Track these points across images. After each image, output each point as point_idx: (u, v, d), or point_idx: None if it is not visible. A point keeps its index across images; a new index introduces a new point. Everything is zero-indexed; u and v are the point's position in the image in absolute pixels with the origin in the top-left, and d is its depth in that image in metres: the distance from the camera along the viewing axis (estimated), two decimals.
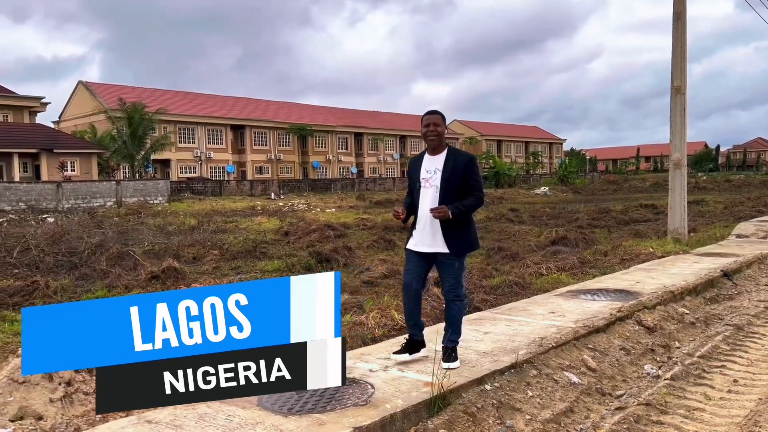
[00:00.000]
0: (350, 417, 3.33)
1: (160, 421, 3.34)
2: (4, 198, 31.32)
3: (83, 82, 56.52)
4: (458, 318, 4.32)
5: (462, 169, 4.18)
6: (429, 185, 4.22)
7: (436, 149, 4.29)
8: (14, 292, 8.62)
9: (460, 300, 4.31)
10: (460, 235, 4.21)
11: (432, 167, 4.25)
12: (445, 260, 4.23)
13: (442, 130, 4.27)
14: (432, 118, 4.27)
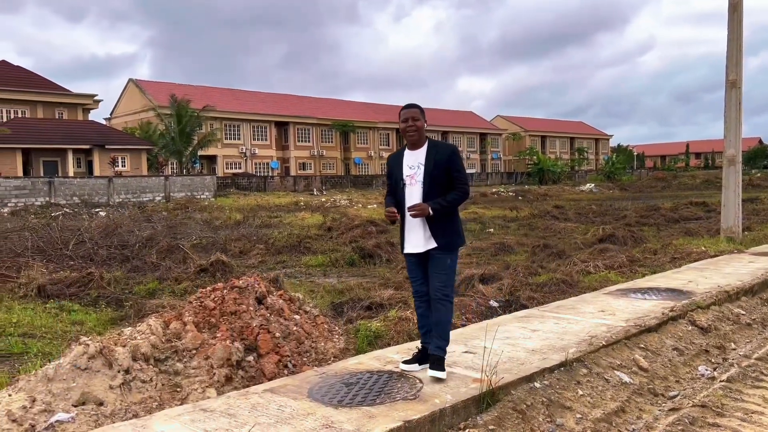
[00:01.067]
0: (400, 411, 3.35)
1: (214, 410, 3.43)
2: (59, 192, 32.49)
3: (133, 79, 58.09)
4: (446, 321, 3.99)
5: (445, 162, 3.95)
6: (414, 182, 4.00)
7: (416, 144, 4.07)
8: (71, 283, 8.93)
9: (449, 300, 3.99)
10: (450, 230, 4.00)
11: (414, 163, 4.03)
12: (436, 255, 3.97)
13: (422, 124, 4.05)
14: (410, 112, 4.05)
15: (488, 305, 6.71)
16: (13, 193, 31.16)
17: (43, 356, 5.40)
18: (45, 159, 40.50)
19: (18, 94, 44.10)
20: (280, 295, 5.41)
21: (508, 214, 22.83)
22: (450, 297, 4.00)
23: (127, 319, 7.07)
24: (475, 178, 64.11)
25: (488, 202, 31.83)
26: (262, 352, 4.51)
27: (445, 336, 3.98)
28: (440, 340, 3.96)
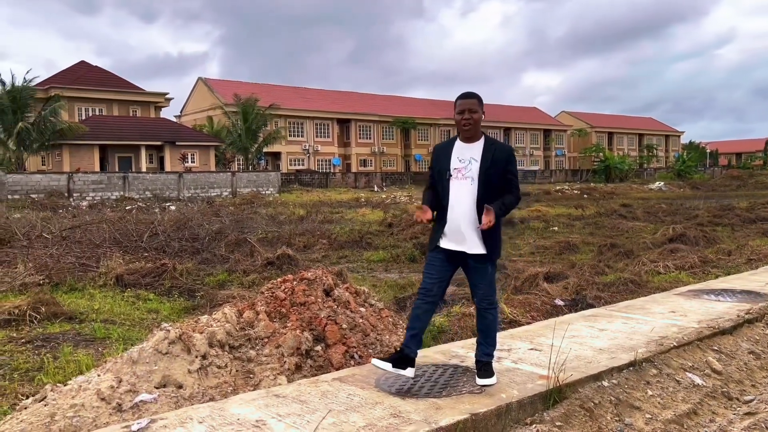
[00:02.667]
0: (466, 403, 3.39)
1: (286, 396, 3.56)
2: (133, 187, 34.01)
3: (202, 78, 60.03)
4: (494, 328, 3.87)
5: (503, 162, 3.68)
6: (462, 176, 3.68)
7: (470, 138, 3.75)
8: (146, 273, 9.36)
9: (494, 308, 3.85)
10: (497, 236, 3.75)
11: (466, 156, 3.70)
12: (477, 264, 3.72)
13: (479, 117, 3.71)
14: (467, 103, 3.71)
15: (553, 304, 6.64)
16: (91, 188, 32.83)
17: (123, 341, 5.73)
18: (120, 155, 42.44)
19: (96, 93, 46.37)
20: (346, 288, 5.54)
21: (573, 212, 22.36)
22: (495, 304, 3.86)
23: (199, 309, 7.38)
24: (538, 175, 62.95)
25: (552, 200, 31.24)
26: (330, 343, 4.63)
27: (493, 342, 3.85)
28: (488, 346, 3.83)
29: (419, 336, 3.82)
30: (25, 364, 5.00)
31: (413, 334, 3.79)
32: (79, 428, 3.33)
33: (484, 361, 3.79)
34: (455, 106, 3.77)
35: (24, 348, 5.48)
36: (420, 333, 3.83)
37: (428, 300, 3.81)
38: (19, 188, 30.83)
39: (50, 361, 4.98)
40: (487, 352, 3.82)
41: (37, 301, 6.74)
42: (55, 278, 8.72)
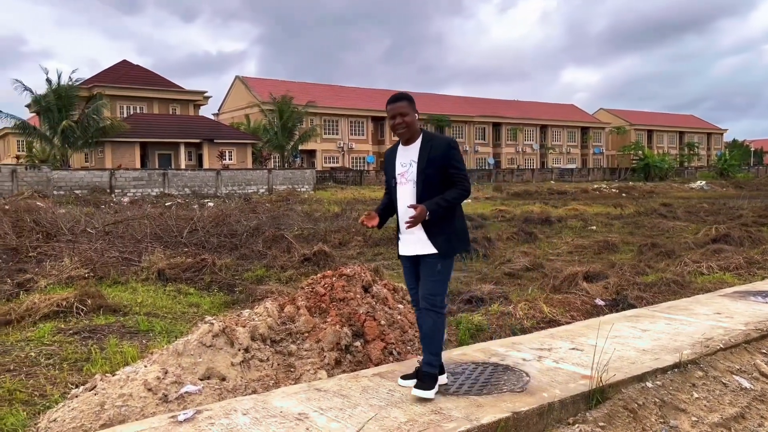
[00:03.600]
0: (507, 402, 3.38)
1: (327, 390, 3.60)
2: (172, 183, 34.68)
3: (240, 77, 60.83)
4: (434, 333, 3.54)
5: (440, 158, 3.54)
6: (405, 180, 3.61)
7: (409, 140, 3.65)
8: (186, 268, 9.55)
9: (435, 310, 3.53)
10: (446, 232, 3.56)
11: (407, 159, 3.64)
12: (428, 259, 3.56)
13: (412, 119, 3.60)
14: (396, 108, 3.61)
15: (593, 303, 6.55)
16: (132, 184, 33.60)
17: (166, 334, 5.86)
18: (160, 152, 43.31)
19: (137, 91, 47.39)
20: (384, 284, 5.56)
21: (612, 211, 21.98)
22: (438, 307, 3.54)
23: (238, 304, 7.49)
24: (575, 173, 62.02)
25: (590, 199, 30.76)
26: (369, 339, 4.66)
27: (434, 350, 3.54)
28: (428, 354, 3.53)
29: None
30: (74, 354, 5.16)
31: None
32: (127, 417, 3.43)
33: (424, 372, 3.50)
34: (387, 112, 3.67)
35: (72, 339, 5.65)
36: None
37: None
38: (64, 184, 31.73)
39: (97, 352, 5.13)
40: (428, 361, 3.52)
41: (83, 294, 6.93)
42: (100, 272, 8.95)
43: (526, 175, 57.52)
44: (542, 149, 75.28)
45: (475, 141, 70.13)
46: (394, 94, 3.72)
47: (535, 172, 59.75)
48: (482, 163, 69.65)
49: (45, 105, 35.75)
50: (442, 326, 3.59)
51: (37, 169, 32.40)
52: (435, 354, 3.54)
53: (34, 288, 7.80)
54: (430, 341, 3.55)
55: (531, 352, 4.37)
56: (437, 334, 3.56)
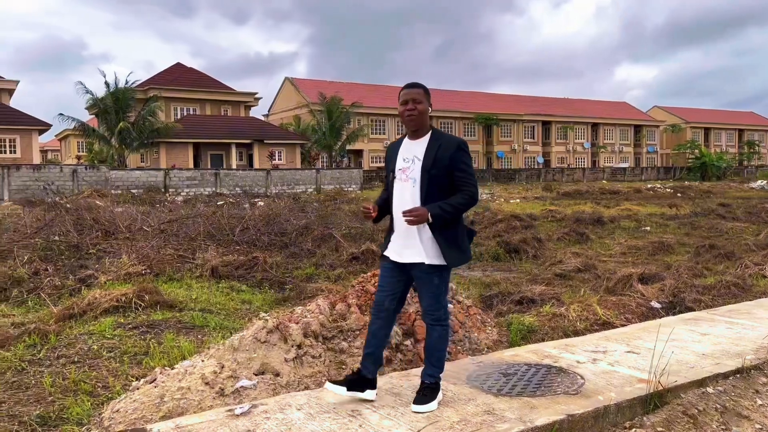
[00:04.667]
0: (562, 404, 3.33)
1: (380, 388, 3.60)
2: (224, 183, 35.48)
3: (289, 78, 61.74)
4: (440, 347, 3.41)
5: (448, 158, 3.26)
6: (406, 177, 3.34)
7: (416, 132, 3.39)
8: (238, 266, 9.75)
9: (441, 324, 3.38)
10: (445, 243, 3.27)
11: (410, 155, 3.37)
12: (421, 273, 3.31)
13: (424, 108, 3.36)
14: (411, 93, 3.37)
15: (649, 306, 6.38)
16: (185, 183, 34.52)
17: (220, 329, 6.00)
18: (212, 152, 44.37)
19: (190, 93, 48.68)
20: None
21: (667, 211, 21.35)
22: (443, 320, 3.38)
23: (289, 301, 7.61)
24: (628, 172, 60.49)
25: (643, 199, 29.94)
26: (419, 338, 4.66)
27: (439, 363, 3.40)
28: (432, 367, 3.39)
29: (376, 354, 3.44)
30: (133, 348, 5.34)
31: (368, 352, 3.43)
32: (186, 410, 3.53)
33: (428, 383, 3.37)
34: (399, 98, 3.44)
35: (131, 333, 5.85)
36: (376, 351, 3.44)
37: (380, 315, 3.43)
38: (121, 183, 32.85)
39: (155, 346, 5.30)
40: (431, 373, 3.39)
41: (141, 290, 7.16)
42: (156, 269, 9.23)
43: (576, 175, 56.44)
44: (593, 148, 73.68)
45: (523, 140, 69.20)
46: (410, 81, 3.49)
47: (586, 171, 58.57)
48: (531, 162, 68.69)
49: (103, 107, 37.14)
50: (446, 339, 3.44)
51: (96, 169, 33.63)
52: (438, 366, 3.40)
53: (94, 283, 8.10)
54: (434, 354, 3.40)
55: (585, 355, 4.30)
56: (442, 347, 3.41)
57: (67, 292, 7.73)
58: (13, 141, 37.54)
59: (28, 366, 4.85)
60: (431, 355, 3.41)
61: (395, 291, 3.42)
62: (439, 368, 3.41)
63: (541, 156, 70.11)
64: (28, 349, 5.24)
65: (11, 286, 7.80)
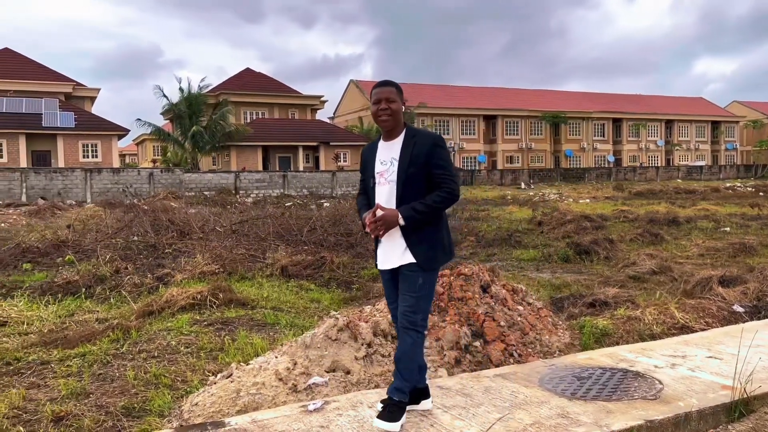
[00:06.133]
0: (639, 409, 3.23)
1: (450, 388, 3.62)
2: (291, 185, 36.25)
3: (354, 80, 62.44)
4: (410, 355, 3.12)
5: (424, 155, 3.12)
6: (385, 180, 3.19)
7: (391, 132, 3.24)
8: (307, 266, 9.93)
9: (416, 330, 3.13)
10: (431, 242, 3.16)
11: (387, 157, 3.22)
12: (407, 272, 3.16)
13: (398, 107, 3.21)
14: (383, 92, 3.20)
15: (731, 310, 6.08)
16: (254, 185, 35.48)
17: (290, 327, 6.14)
18: (280, 155, 45.43)
19: (259, 97, 50.06)
20: (503, 285, 5.50)
21: (748, 211, 20.27)
22: (418, 326, 3.13)
23: (356, 300, 7.69)
24: (705, 171, 57.82)
25: (721, 198, 28.55)
26: (489, 339, 4.63)
27: (407, 375, 3.12)
28: (399, 380, 3.12)
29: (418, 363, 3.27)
30: (209, 344, 5.53)
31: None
32: (260, 404, 3.63)
33: (393, 399, 3.11)
34: (371, 96, 3.28)
35: (207, 330, 6.06)
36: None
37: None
38: (194, 186, 34.08)
39: (230, 343, 5.47)
40: (398, 387, 3.11)
41: (215, 288, 7.41)
42: (228, 268, 9.52)
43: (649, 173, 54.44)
44: (668, 146, 70.83)
45: (593, 138, 67.31)
46: (383, 80, 3.33)
47: (660, 170, 56.41)
48: (601, 161, 66.73)
49: (177, 112, 38.69)
50: (419, 348, 3.18)
51: (170, 171, 35.04)
52: (407, 380, 3.13)
53: (171, 282, 8.44)
54: (404, 365, 3.12)
55: (663, 359, 4.14)
56: (414, 356, 3.14)
57: (146, 290, 8.08)
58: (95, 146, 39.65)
59: (113, 359, 5.10)
60: (400, 364, 3.13)
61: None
62: (408, 381, 3.14)
63: (611, 154, 67.99)
64: (112, 344, 5.52)
65: (95, 283, 8.22)
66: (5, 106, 38.79)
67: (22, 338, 5.82)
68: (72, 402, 4.13)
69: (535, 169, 54.40)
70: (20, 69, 42.61)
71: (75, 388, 4.38)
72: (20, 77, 41.57)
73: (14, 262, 10.31)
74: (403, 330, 3.16)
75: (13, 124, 37.69)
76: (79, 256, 10.53)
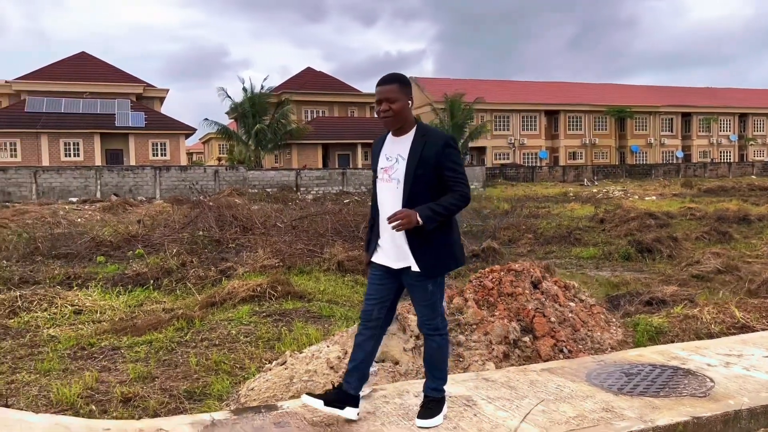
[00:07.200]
0: (687, 406, 3.20)
1: (495, 380, 3.68)
2: (350, 182, 36.73)
3: (412, 77, 62.45)
4: (439, 358, 3.16)
5: (434, 157, 2.96)
6: (389, 178, 3.04)
7: (399, 130, 3.07)
8: (361, 261, 10.11)
9: (440, 334, 3.13)
10: (435, 248, 3.01)
11: (394, 153, 3.06)
12: (414, 281, 3.06)
13: (401, 106, 3.00)
14: (384, 91, 3.01)
15: None
16: (314, 182, 36.15)
17: (345, 320, 6.31)
18: (339, 152, 46.10)
19: (319, 96, 50.90)
20: (554, 281, 5.48)
21: None
22: (441, 330, 3.14)
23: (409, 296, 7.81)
24: None
25: None
26: (538, 335, 4.64)
27: (440, 375, 3.16)
28: (435, 380, 3.16)
29: (361, 369, 3.16)
30: (267, 333, 5.77)
31: (353, 366, 3.17)
32: (312, 390, 3.80)
33: (431, 397, 3.16)
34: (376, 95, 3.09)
35: (265, 320, 6.31)
36: (362, 365, 3.16)
37: (369, 326, 3.17)
38: (257, 183, 35.02)
39: (286, 333, 5.70)
40: (434, 387, 3.16)
41: (274, 281, 7.68)
42: (288, 262, 9.82)
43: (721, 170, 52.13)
44: (741, 141, 67.54)
45: (660, 133, 64.98)
46: (386, 74, 3.12)
47: (732, 165, 53.89)
48: (669, 157, 64.35)
49: (241, 111, 39.82)
50: (446, 349, 3.20)
51: (235, 169, 36.12)
52: (441, 378, 3.17)
53: (233, 275, 8.78)
54: (435, 367, 3.17)
55: (717, 358, 4.06)
56: (442, 356, 3.17)
57: (210, 282, 8.45)
58: (164, 145, 41.33)
59: (177, 347, 5.41)
60: (432, 367, 3.17)
61: (384, 299, 3.16)
62: (442, 380, 3.17)
63: (680, 150, 65.45)
64: (176, 332, 5.83)
65: (162, 275, 8.66)
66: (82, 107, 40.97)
67: (95, 326, 6.24)
68: (139, 385, 4.42)
69: (598, 166, 52.99)
70: (95, 72, 44.86)
71: (142, 372, 4.68)
72: (95, 79, 43.76)
73: (89, 255, 10.95)
74: (427, 337, 3.16)
75: (89, 124, 39.78)
76: (148, 250, 11.09)
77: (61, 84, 42.43)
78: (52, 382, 4.48)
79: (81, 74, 43.98)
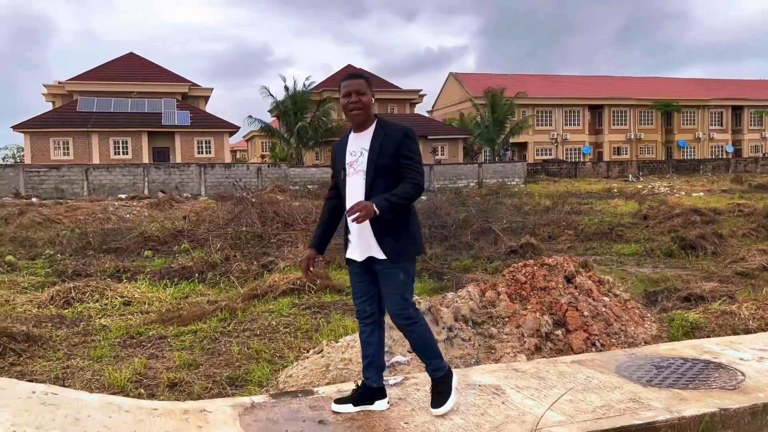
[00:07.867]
0: (715, 398, 3.23)
1: (525, 371, 3.77)
2: None
3: (453, 73, 62.20)
4: (425, 342, 3.22)
5: (394, 146, 3.10)
6: (354, 171, 3.18)
7: (361, 125, 3.22)
8: None
9: (414, 322, 3.17)
10: (401, 234, 3.12)
11: (357, 148, 3.20)
12: (384, 269, 3.12)
13: (369, 100, 3.19)
14: (353, 84, 3.20)
15: None
16: None
17: None
18: None
19: None
20: (588, 276, 5.51)
21: None
22: (414, 318, 3.18)
23: (446, 290, 7.90)
24: None
25: None
26: (570, 328, 4.70)
27: (433, 354, 3.22)
28: (430, 363, 3.22)
29: (375, 361, 3.31)
30: (305, 324, 5.97)
31: (368, 362, 3.31)
32: (347, 378, 3.96)
33: (435, 380, 3.22)
34: (340, 90, 3.27)
35: (304, 312, 6.52)
36: (375, 358, 3.31)
37: (367, 322, 3.30)
38: (298, 180, 35.54)
39: (324, 324, 5.89)
40: (434, 368, 3.22)
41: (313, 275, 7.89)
42: (326, 257, 10.03)
43: None
44: None
45: (709, 127, 63.11)
46: (352, 72, 3.38)
47: None
48: (718, 152, 62.44)
49: (283, 109, 40.41)
50: (428, 331, 3.26)
51: (277, 166, 36.71)
52: (435, 357, 3.24)
53: (275, 269, 9.04)
54: (425, 351, 3.24)
55: (751, 352, 4.05)
56: (427, 341, 3.23)
57: (252, 276, 8.72)
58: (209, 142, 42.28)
59: (220, 336, 5.65)
60: (422, 353, 3.26)
61: (370, 293, 3.27)
62: (437, 358, 3.24)
63: (730, 145, 63.43)
64: (220, 323, 6.09)
65: (207, 269, 8.97)
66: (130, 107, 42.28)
67: (143, 316, 6.55)
68: (184, 371, 4.67)
69: (644, 161, 51.80)
70: (143, 72, 46.18)
71: (187, 359, 4.93)
72: (142, 79, 45.05)
73: (137, 250, 11.40)
74: (402, 328, 3.22)
75: (137, 123, 41.01)
76: (194, 245, 11.47)
77: (111, 84, 43.84)
78: (104, 367, 4.77)
79: (129, 74, 45.35)
